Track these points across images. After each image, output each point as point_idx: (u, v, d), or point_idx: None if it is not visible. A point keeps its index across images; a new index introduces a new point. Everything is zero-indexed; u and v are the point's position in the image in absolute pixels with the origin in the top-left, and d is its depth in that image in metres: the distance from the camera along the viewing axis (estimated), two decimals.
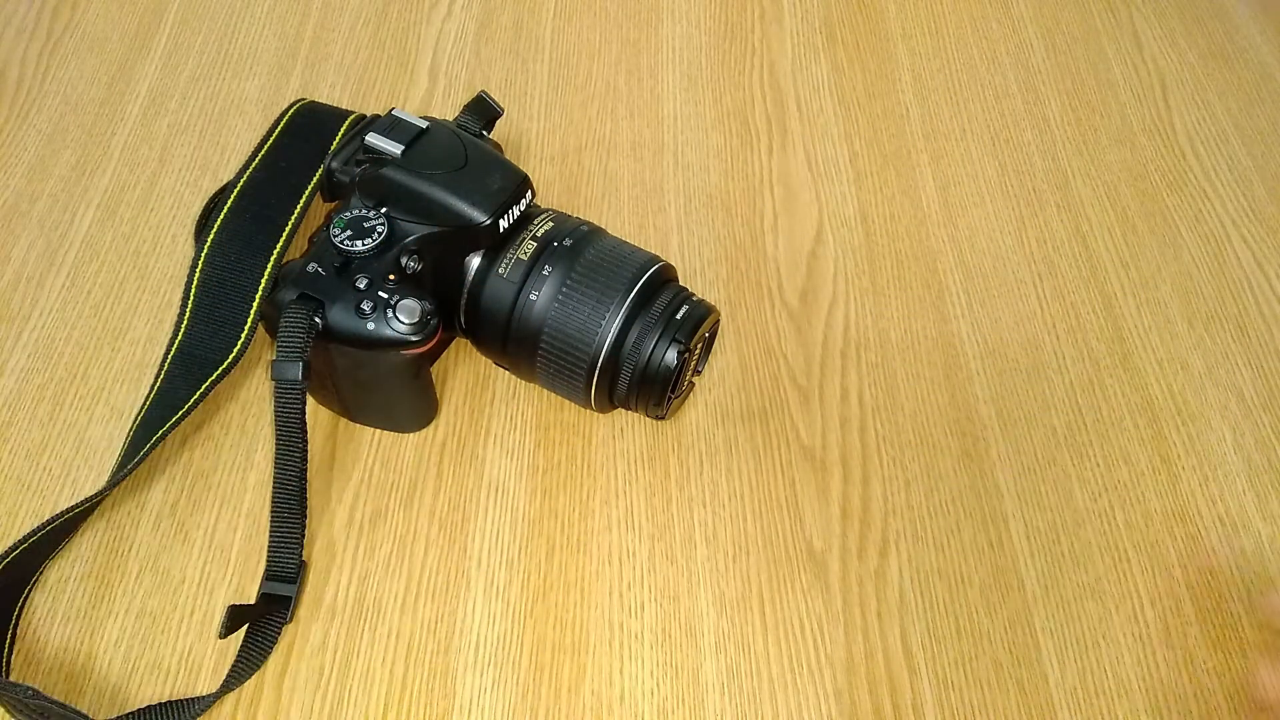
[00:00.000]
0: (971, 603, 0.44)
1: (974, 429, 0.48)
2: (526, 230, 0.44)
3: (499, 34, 0.64)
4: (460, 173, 0.44)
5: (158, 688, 0.40)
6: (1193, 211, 0.57)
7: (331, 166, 0.47)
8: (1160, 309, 0.53)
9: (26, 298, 0.51)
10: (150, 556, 0.43)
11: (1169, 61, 0.65)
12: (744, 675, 0.41)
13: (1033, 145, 0.60)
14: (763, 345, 0.51)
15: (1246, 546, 0.46)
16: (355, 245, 0.41)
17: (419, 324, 0.40)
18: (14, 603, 0.41)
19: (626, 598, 0.43)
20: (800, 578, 0.44)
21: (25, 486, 0.45)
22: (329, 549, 0.44)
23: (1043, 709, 0.41)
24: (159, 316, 0.50)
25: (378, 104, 0.60)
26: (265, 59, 0.61)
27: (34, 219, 0.54)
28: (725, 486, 0.46)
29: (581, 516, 0.45)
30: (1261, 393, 0.50)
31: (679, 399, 0.46)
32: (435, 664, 0.41)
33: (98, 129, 0.58)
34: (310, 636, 0.42)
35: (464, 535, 0.45)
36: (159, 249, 0.53)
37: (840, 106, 0.61)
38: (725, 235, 0.55)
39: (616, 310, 0.42)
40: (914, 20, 0.66)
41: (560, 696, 0.41)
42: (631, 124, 0.60)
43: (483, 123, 0.50)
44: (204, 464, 0.46)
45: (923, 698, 0.41)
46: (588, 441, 0.47)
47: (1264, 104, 0.62)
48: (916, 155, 0.59)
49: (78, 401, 0.47)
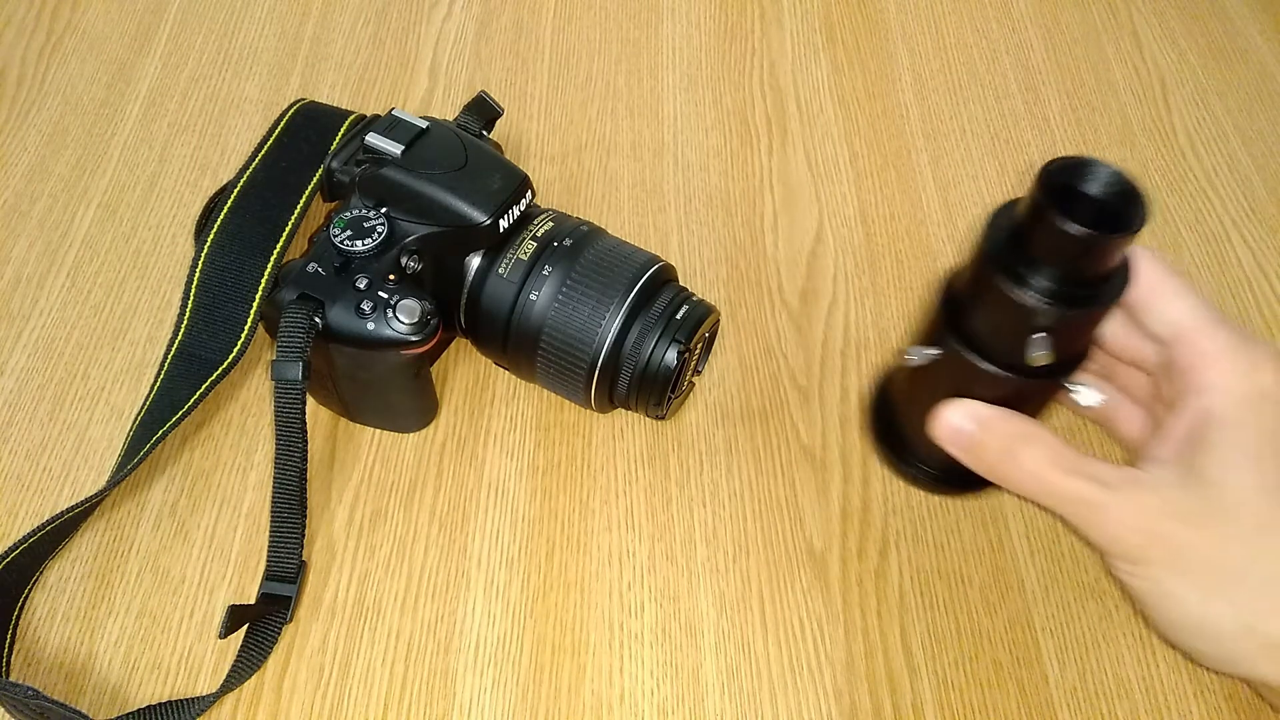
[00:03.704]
0: (971, 603, 0.44)
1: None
2: (526, 230, 0.44)
3: (499, 34, 0.64)
4: (460, 173, 0.44)
5: (158, 688, 0.40)
6: (1193, 211, 0.57)
7: (331, 166, 0.47)
8: None
9: (26, 298, 0.51)
10: (150, 556, 0.43)
11: (1169, 61, 0.65)
12: (744, 675, 0.41)
13: (1033, 145, 0.60)
14: (763, 345, 0.51)
15: None
16: (355, 245, 0.41)
17: (419, 324, 0.40)
18: (14, 603, 0.41)
19: (626, 598, 0.43)
20: (800, 578, 0.44)
21: (25, 486, 0.45)
22: (329, 549, 0.44)
23: (1043, 709, 0.41)
24: (159, 316, 0.50)
25: (378, 104, 0.60)
26: (265, 59, 0.61)
27: (34, 219, 0.54)
28: (725, 486, 0.46)
29: (581, 516, 0.45)
30: None
31: (679, 399, 0.46)
32: (435, 664, 0.41)
33: (98, 129, 0.58)
34: (310, 636, 0.42)
35: (464, 535, 0.45)
36: (159, 249, 0.53)
37: (840, 106, 0.61)
38: (725, 235, 0.55)
39: (616, 310, 0.42)
40: (914, 20, 0.66)
41: (560, 696, 0.41)
42: (631, 124, 0.60)
43: (483, 123, 0.50)
44: (204, 464, 0.46)
45: (923, 698, 0.41)
46: (588, 441, 0.47)
47: (1264, 104, 0.62)
48: (916, 155, 0.59)
49: (78, 401, 0.47)
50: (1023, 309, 0.31)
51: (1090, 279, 0.31)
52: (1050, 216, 0.30)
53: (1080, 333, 0.33)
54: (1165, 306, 0.34)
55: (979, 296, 0.33)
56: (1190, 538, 0.32)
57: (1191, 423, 0.34)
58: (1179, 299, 0.34)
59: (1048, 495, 0.34)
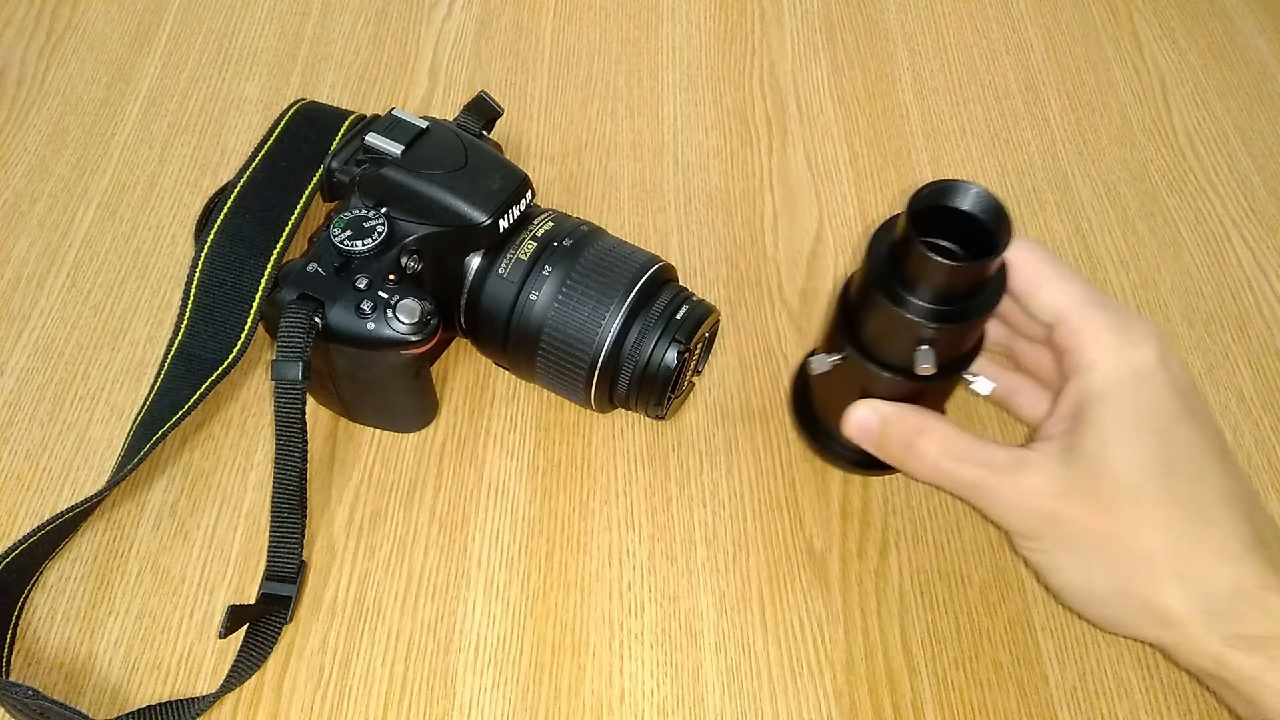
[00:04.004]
0: (971, 603, 0.44)
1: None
2: (526, 230, 0.44)
3: (499, 34, 0.64)
4: (460, 173, 0.44)
5: (158, 688, 0.40)
6: (1193, 211, 0.57)
7: (331, 166, 0.47)
8: (1160, 309, 0.53)
9: (26, 298, 0.51)
10: (150, 556, 0.43)
11: (1169, 61, 0.65)
12: (744, 675, 0.41)
13: (1033, 145, 0.60)
14: (763, 345, 0.51)
15: None
16: (355, 245, 0.41)
17: (419, 324, 0.40)
18: (14, 603, 0.41)
19: (626, 598, 0.43)
20: (800, 577, 0.44)
21: (25, 486, 0.45)
22: (329, 549, 0.44)
23: (1043, 709, 0.41)
24: (159, 316, 0.50)
25: (378, 104, 0.60)
26: (265, 59, 0.61)
27: (34, 219, 0.54)
28: (725, 486, 0.46)
29: (581, 516, 0.45)
30: (1261, 393, 0.50)
31: (679, 399, 0.46)
32: (435, 664, 0.41)
33: (98, 129, 0.58)
34: (310, 636, 0.42)
35: (464, 535, 0.45)
36: (159, 249, 0.53)
37: (840, 106, 0.61)
38: (725, 235, 0.55)
39: (616, 310, 0.42)
40: (914, 20, 0.66)
41: (560, 696, 0.41)
42: (631, 124, 0.60)
43: (483, 123, 0.50)
44: (204, 464, 0.46)
45: (923, 698, 0.41)
46: (588, 441, 0.47)
47: (1264, 104, 0.62)
48: (916, 155, 0.59)
49: (78, 401, 0.47)
50: (904, 324, 0.34)
51: (964, 295, 0.33)
52: (917, 247, 0.32)
53: (962, 339, 0.36)
54: (1046, 293, 0.36)
55: (867, 311, 0.36)
56: (1073, 512, 0.34)
57: (1074, 401, 0.35)
58: (1059, 284, 0.36)
59: (945, 481, 0.37)
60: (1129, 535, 0.34)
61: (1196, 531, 0.33)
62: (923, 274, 0.33)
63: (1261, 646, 0.33)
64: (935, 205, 0.33)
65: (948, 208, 0.34)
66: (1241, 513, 0.34)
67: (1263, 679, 0.33)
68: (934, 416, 0.37)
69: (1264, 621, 0.33)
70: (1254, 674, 0.33)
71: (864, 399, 0.38)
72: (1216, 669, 0.33)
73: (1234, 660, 0.33)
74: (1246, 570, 0.33)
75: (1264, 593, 0.33)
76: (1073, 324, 0.35)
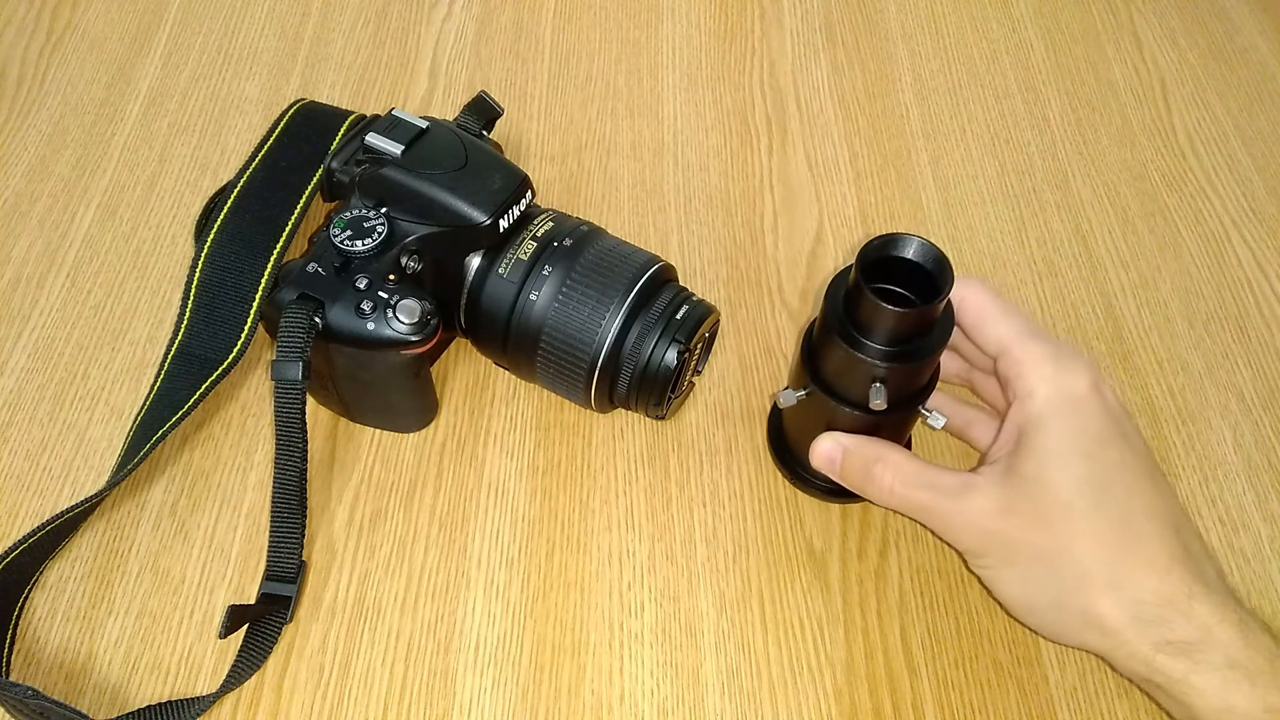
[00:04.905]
0: (971, 603, 0.44)
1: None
2: (526, 230, 0.44)
3: (499, 34, 0.64)
4: (460, 173, 0.44)
5: (158, 688, 0.40)
6: (1193, 211, 0.57)
7: (331, 166, 0.47)
8: (1160, 309, 0.53)
9: (26, 298, 0.51)
10: (150, 556, 0.43)
11: (1169, 61, 0.65)
12: (744, 675, 0.41)
13: (1033, 145, 0.60)
14: (763, 345, 0.51)
15: (1246, 546, 0.46)
16: (355, 245, 0.41)
17: (419, 324, 0.41)
18: (14, 603, 0.41)
19: (626, 598, 0.43)
20: (800, 578, 0.44)
21: (25, 486, 0.45)
22: (329, 549, 0.44)
23: (1043, 709, 0.41)
24: (159, 316, 0.50)
25: (378, 104, 0.60)
26: (265, 59, 0.61)
27: (34, 219, 0.54)
28: (725, 486, 0.46)
29: (581, 516, 0.45)
30: (1261, 393, 0.50)
31: (679, 399, 0.46)
32: (435, 664, 0.41)
33: (98, 129, 0.58)
34: (310, 636, 0.42)
35: (464, 535, 0.45)
36: (159, 249, 0.53)
37: (840, 106, 0.61)
38: (725, 235, 0.55)
39: (616, 310, 0.42)
40: (914, 20, 0.66)
41: (560, 696, 0.41)
42: (631, 124, 0.60)
43: (483, 123, 0.50)
44: (204, 464, 0.46)
45: (923, 698, 0.41)
46: (588, 441, 0.47)
47: (1264, 104, 0.62)
48: (916, 155, 0.59)
49: (78, 401, 0.47)
50: (858, 363, 0.37)
51: (911, 336, 0.36)
52: (866, 296, 0.35)
53: (913, 377, 0.38)
54: (991, 327, 0.39)
55: (826, 351, 0.39)
56: (1014, 529, 0.37)
57: (1016, 426, 0.38)
58: (1003, 319, 0.39)
59: (900, 506, 0.40)
60: (1065, 549, 0.36)
61: (1126, 544, 0.36)
62: (872, 319, 0.36)
63: (1187, 651, 0.35)
64: (884, 256, 0.37)
65: (897, 258, 0.37)
66: (1169, 526, 0.36)
67: (1189, 681, 0.35)
68: (890, 447, 0.40)
69: (1189, 628, 0.35)
70: (1182, 677, 0.35)
71: (828, 432, 0.41)
72: (1149, 674, 0.36)
73: (1164, 665, 0.35)
74: (1173, 580, 0.35)
75: (1189, 601, 0.35)
76: (1014, 355, 0.38)
